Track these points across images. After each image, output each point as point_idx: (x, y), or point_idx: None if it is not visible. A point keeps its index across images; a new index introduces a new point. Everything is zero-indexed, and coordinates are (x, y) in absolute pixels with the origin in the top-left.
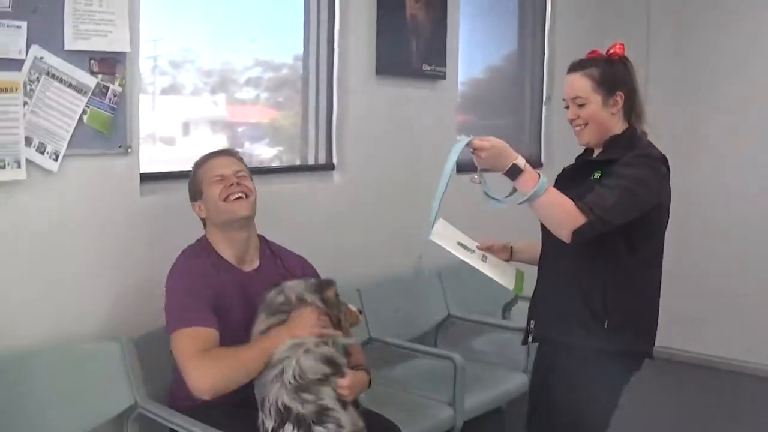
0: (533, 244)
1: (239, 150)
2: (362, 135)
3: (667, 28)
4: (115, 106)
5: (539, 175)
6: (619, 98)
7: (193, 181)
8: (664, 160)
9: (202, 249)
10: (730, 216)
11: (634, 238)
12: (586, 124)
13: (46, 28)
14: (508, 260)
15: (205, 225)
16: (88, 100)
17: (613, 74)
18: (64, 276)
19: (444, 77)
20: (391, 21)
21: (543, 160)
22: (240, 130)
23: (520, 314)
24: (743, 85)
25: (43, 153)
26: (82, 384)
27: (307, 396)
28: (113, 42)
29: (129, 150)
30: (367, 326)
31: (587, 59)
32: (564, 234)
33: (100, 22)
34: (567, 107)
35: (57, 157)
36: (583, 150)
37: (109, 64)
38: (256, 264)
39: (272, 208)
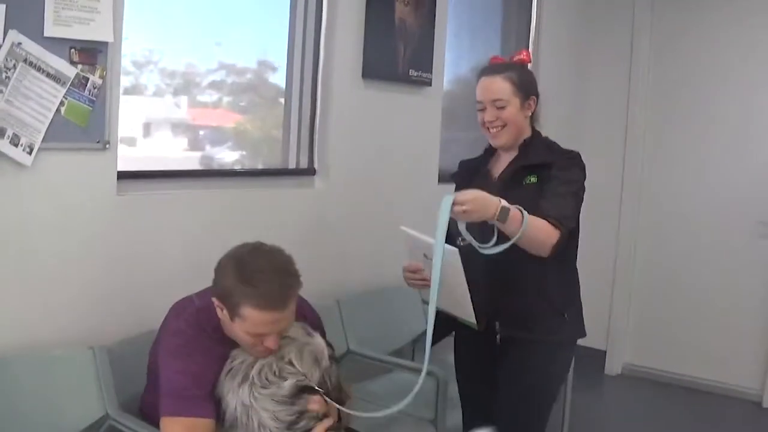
0: None
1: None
2: (345, 139)
3: (649, 37)
4: (95, 99)
5: (518, 208)
6: (533, 102)
7: (233, 291)
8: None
9: (213, 330)
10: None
11: (572, 237)
12: (503, 126)
13: (25, 13)
14: None
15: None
16: (67, 91)
17: (528, 79)
18: (34, 277)
19: (430, 84)
20: (380, 23)
21: None
22: (201, 133)
23: None
24: (727, 93)
25: (17, 145)
26: (50, 394)
27: None
28: (96, 31)
29: (107, 146)
30: (345, 339)
31: (503, 64)
32: (545, 251)
33: (83, 9)
34: (482, 110)
35: (31, 150)
36: (483, 151)
37: (91, 54)
38: None
39: (249, 213)
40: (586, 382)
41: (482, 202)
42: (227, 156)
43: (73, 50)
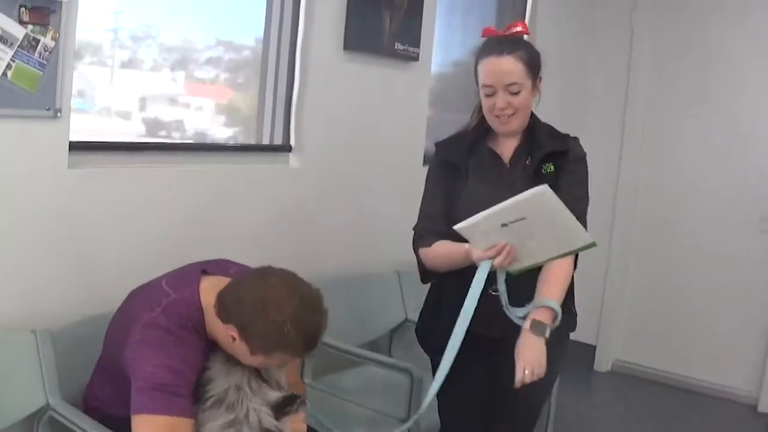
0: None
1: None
2: (324, 114)
3: (652, 19)
4: (45, 63)
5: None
6: (539, 82)
7: (265, 338)
8: None
9: (194, 327)
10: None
11: None
12: (514, 113)
13: None
14: None
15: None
16: (15, 54)
17: (535, 55)
18: None
19: (417, 59)
20: None
21: None
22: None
23: None
24: (729, 84)
25: None
26: None
27: None
28: None
29: (58, 114)
30: None
31: (506, 39)
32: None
33: None
34: (490, 95)
35: None
36: (470, 127)
37: (42, 13)
38: None
39: (217, 190)
40: (574, 378)
41: (529, 351)
42: (220, 132)
43: (22, 9)
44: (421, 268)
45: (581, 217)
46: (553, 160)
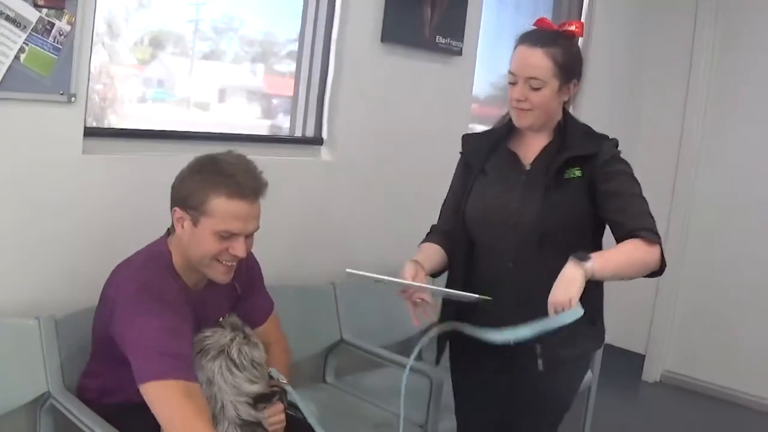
0: (431, 254)
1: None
2: (358, 108)
3: (714, 20)
4: (60, 47)
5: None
6: (573, 86)
7: (195, 189)
8: None
9: (165, 267)
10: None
11: (599, 236)
12: (530, 110)
13: None
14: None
15: (174, 226)
16: (28, 37)
17: (573, 58)
18: None
19: (460, 53)
20: None
21: None
22: (275, 101)
23: None
24: None
25: None
26: None
27: None
28: None
29: (73, 99)
30: (339, 327)
31: (547, 33)
32: (650, 270)
33: None
34: (513, 83)
35: None
36: (499, 125)
37: None
38: (204, 281)
39: None
40: (620, 388)
41: (565, 282)
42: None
43: None
44: None
45: (644, 213)
46: (581, 164)
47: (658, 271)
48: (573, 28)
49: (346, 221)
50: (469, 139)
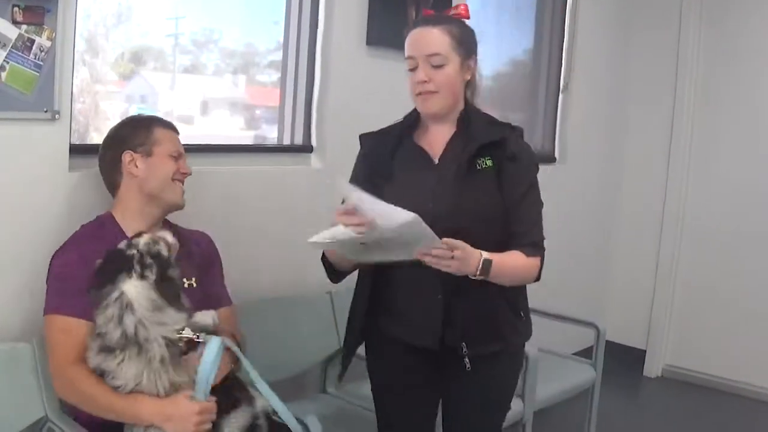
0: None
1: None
2: (346, 113)
3: (699, 15)
4: (42, 63)
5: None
6: (473, 63)
7: (138, 131)
8: None
9: (103, 224)
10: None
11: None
12: (436, 91)
13: None
14: None
15: (118, 186)
16: (8, 55)
17: (469, 33)
18: None
19: None
20: None
21: (557, 155)
22: (257, 112)
23: None
24: None
25: None
26: None
27: None
28: None
29: (57, 116)
30: (337, 336)
31: (439, 15)
32: (528, 283)
33: None
34: (413, 68)
35: None
36: (399, 121)
37: (36, 13)
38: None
39: (234, 192)
40: (622, 384)
41: (468, 253)
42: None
43: (15, 9)
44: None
45: (536, 224)
46: (490, 152)
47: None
48: (460, 10)
49: None
50: (368, 140)
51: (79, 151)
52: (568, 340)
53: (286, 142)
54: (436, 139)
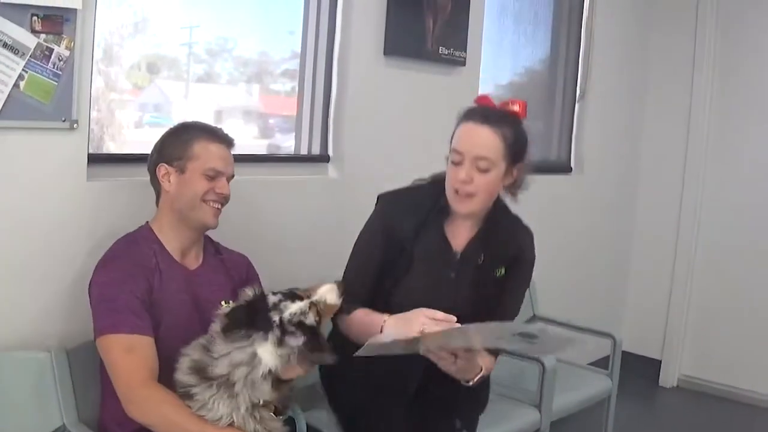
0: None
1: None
2: (364, 123)
3: (717, 15)
4: (60, 73)
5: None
6: (517, 171)
7: (177, 143)
8: None
9: (142, 237)
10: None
11: None
12: (473, 195)
13: None
14: None
15: (158, 196)
16: (27, 64)
17: (521, 140)
18: None
19: (463, 63)
20: None
21: (572, 164)
22: (271, 121)
23: None
24: None
25: None
26: (5, 400)
27: None
28: None
29: (75, 125)
30: None
31: (495, 111)
32: None
33: None
34: (458, 162)
35: None
36: (431, 200)
37: (55, 22)
38: (199, 261)
39: (250, 202)
40: (637, 394)
41: (473, 365)
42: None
43: (34, 18)
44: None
45: (516, 313)
46: (506, 263)
47: None
48: (517, 108)
49: (355, 236)
50: (392, 206)
51: (97, 160)
52: (584, 351)
53: (303, 151)
54: (461, 231)
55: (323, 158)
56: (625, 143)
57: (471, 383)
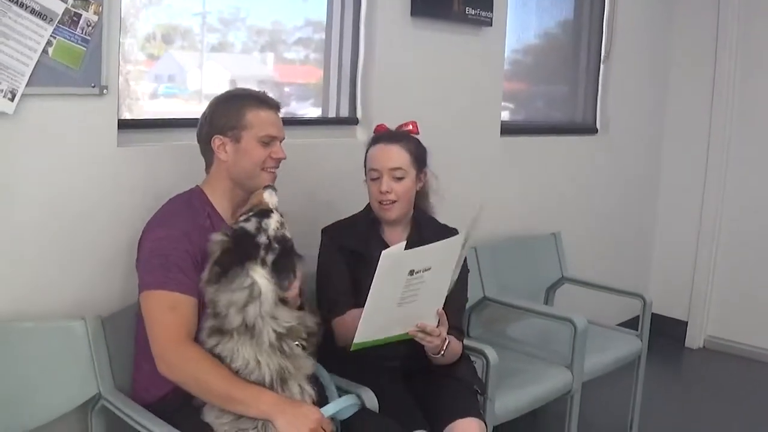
0: None
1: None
2: (391, 85)
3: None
4: (89, 38)
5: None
6: (424, 176)
7: (229, 113)
8: None
9: (195, 198)
10: None
11: None
12: (395, 201)
13: None
14: None
15: (210, 164)
16: (55, 30)
17: (421, 150)
18: (21, 242)
19: (490, 24)
20: None
21: (598, 125)
22: (287, 89)
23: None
24: None
25: None
26: (36, 370)
27: None
28: None
29: (105, 91)
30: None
31: (397, 132)
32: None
33: None
34: (376, 179)
35: (14, 96)
36: (362, 223)
37: None
38: None
39: (285, 164)
40: (663, 356)
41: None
42: (310, 112)
43: None
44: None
45: (462, 313)
46: None
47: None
48: (411, 127)
49: None
50: (337, 232)
51: (127, 126)
52: (611, 311)
53: (332, 114)
54: (395, 235)
55: (352, 121)
56: (650, 104)
57: (441, 353)
